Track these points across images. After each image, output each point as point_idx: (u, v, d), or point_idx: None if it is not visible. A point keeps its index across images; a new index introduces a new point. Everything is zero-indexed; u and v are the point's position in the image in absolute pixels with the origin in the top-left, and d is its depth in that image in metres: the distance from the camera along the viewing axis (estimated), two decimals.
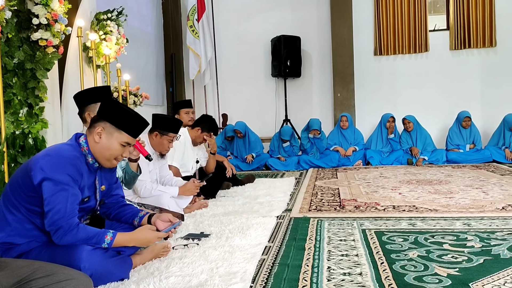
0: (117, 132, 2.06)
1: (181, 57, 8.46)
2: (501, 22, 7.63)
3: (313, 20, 8.19)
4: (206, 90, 8.26)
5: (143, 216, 2.24)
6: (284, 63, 7.75)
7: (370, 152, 6.92)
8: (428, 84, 7.93)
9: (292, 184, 5.05)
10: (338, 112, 7.78)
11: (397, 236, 2.69)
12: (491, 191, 4.13)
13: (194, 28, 7.81)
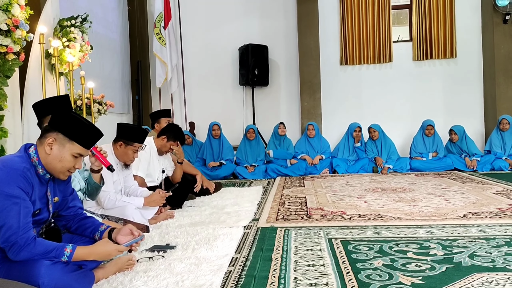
0: (69, 143, 2.00)
1: (148, 64, 8.37)
2: (461, 34, 7.91)
3: (281, 29, 8.27)
4: (172, 98, 8.19)
5: (103, 230, 2.18)
6: (252, 71, 7.77)
7: (337, 160, 7.01)
8: (392, 93, 8.12)
9: (259, 193, 5.04)
10: (305, 120, 7.86)
11: (362, 245, 2.71)
12: (453, 199, 4.24)
13: (161, 36, 7.74)
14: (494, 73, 7.61)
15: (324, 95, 8.06)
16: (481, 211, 3.63)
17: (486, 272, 2.16)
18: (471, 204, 3.96)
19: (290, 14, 8.20)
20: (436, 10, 7.88)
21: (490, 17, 7.63)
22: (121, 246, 2.06)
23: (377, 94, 8.13)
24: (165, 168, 4.19)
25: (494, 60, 7.57)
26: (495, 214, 3.47)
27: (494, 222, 3.20)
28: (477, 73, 7.98)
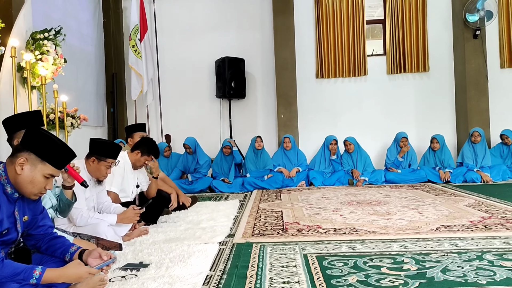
0: (41, 164, 1.96)
1: (123, 77, 8.29)
2: (433, 48, 8.10)
3: (257, 42, 8.32)
4: (148, 110, 8.13)
5: (74, 251, 2.13)
6: (229, 84, 7.78)
7: (313, 173, 7.05)
8: (367, 106, 8.23)
9: (236, 207, 5.03)
10: (282, 133, 7.89)
11: (337, 260, 2.72)
12: (426, 212, 4.30)
13: (137, 48, 7.69)
14: (466, 87, 7.80)
15: (300, 107, 8.12)
16: (454, 224, 3.69)
17: (457, 287, 2.19)
18: (444, 217, 4.02)
19: (266, 27, 8.26)
20: (409, 25, 8.06)
21: (461, 32, 7.84)
22: (92, 269, 2.01)
23: (352, 106, 8.23)
24: (139, 182, 4.13)
25: (465, 74, 7.77)
26: (467, 227, 3.53)
27: (466, 236, 3.25)
28: (449, 87, 8.16)
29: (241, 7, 8.32)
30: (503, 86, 7.96)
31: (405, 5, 8.06)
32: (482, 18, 7.57)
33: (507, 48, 7.96)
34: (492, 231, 3.38)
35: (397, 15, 8.09)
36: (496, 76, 7.94)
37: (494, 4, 7.63)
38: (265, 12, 8.25)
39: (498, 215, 3.98)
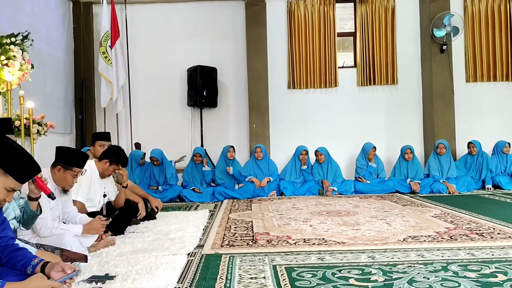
0: (3, 176, 1.88)
1: (93, 83, 8.15)
2: (401, 62, 8.29)
3: (230, 52, 8.33)
4: (118, 118, 8.00)
5: (36, 264, 2.05)
6: (200, 93, 7.75)
7: (284, 183, 7.07)
8: (338, 117, 8.34)
9: (206, 217, 4.98)
10: (254, 142, 7.90)
11: (306, 271, 2.72)
12: (394, 222, 4.37)
13: (107, 55, 7.59)
14: (432, 100, 8.00)
15: (272, 117, 8.15)
16: (420, 234, 3.75)
17: None
18: (411, 227, 4.09)
19: (239, 38, 8.29)
20: (379, 39, 8.23)
21: (429, 47, 8.06)
22: (55, 282, 1.94)
23: (323, 117, 8.32)
24: (107, 192, 4.05)
25: (432, 87, 7.97)
26: (433, 238, 3.60)
27: (432, 246, 3.31)
28: (417, 99, 8.36)
29: (214, 17, 8.33)
30: (468, 99, 8.21)
31: (375, 19, 8.24)
32: (449, 33, 7.80)
33: (472, 63, 8.22)
34: (457, 242, 3.45)
35: (367, 28, 8.25)
36: (462, 90, 8.18)
37: (460, 20, 7.88)
38: (238, 22, 8.28)
39: (463, 226, 4.07)
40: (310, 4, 8.23)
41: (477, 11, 8.21)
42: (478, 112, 8.25)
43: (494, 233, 3.72)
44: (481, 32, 8.20)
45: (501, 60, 8.17)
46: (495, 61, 8.18)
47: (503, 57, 8.18)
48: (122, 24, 8.05)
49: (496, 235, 3.64)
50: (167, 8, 8.34)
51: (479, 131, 8.02)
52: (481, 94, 8.27)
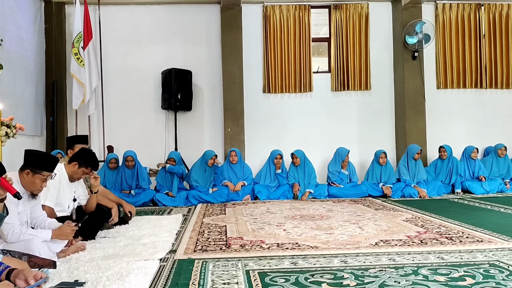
0: None
1: (64, 85, 7.98)
2: (375, 68, 8.43)
3: (205, 55, 8.30)
4: (90, 120, 7.85)
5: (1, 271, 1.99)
6: (175, 96, 7.69)
7: (258, 187, 7.07)
8: (312, 121, 8.40)
9: (179, 221, 4.93)
10: (229, 146, 7.88)
11: (279, 276, 2.72)
12: (366, 226, 4.41)
13: (79, 56, 7.45)
14: (404, 106, 8.15)
15: (247, 121, 8.15)
16: (392, 238, 3.80)
17: None
18: (383, 231, 4.14)
19: (214, 41, 8.27)
20: (353, 45, 8.34)
21: (401, 53, 8.21)
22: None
23: (298, 122, 8.37)
24: (77, 196, 3.96)
25: (404, 94, 8.12)
26: (404, 242, 3.65)
27: (403, 250, 3.36)
28: (389, 105, 8.50)
29: (189, 20, 8.29)
30: (439, 106, 8.40)
31: (349, 25, 8.35)
32: (421, 40, 7.97)
33: (443, 70, 8.42)
34: (428, 246, 3.51)
35: (341, 34, 8.35)
36: (433, 96, 8.37)
37: (431, 28, 8.06)
38: (213, 26, 8.26)
39: (433, 230, 4.15)
40: (286, 9, 8.28)
41: (448, 20, 8.42)
42: (448, 118, 8.45)
43: (463, 237, 3.80)
44: (452, 40, 8.41)
45: (470, 67, 8.40)
46: (465, 69, 8.40)
47: (472, 65, 8.41)
48: (95, 25, 7.93)
49: (465, 239, 3.72)
50: (141, 10, 8.26)
51: (449, 136, 8.20)
52: (451, 100, 8.48)
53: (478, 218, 4.83)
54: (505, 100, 8.56)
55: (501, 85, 8.47)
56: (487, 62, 8.44)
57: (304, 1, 8.30)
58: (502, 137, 8.14)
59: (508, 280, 2.54)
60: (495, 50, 8.44)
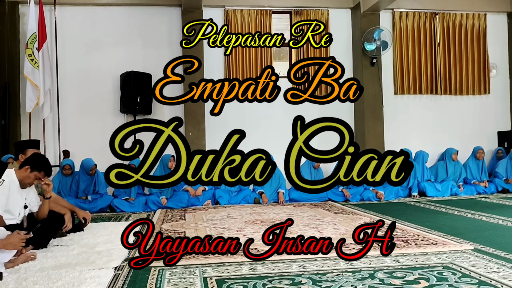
0: None
1: (17, 87, 7.68)
2: None
3: (165, 59, 7.94)
4: (45, 124, 7.57)
5: None
6: (134, 99, 7.54)
7: (219, 191, 7.01)
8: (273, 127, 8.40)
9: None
10: None
11: (237, 283, 2.69)
12: (325, 230, 4.45)
13: (34, 57, 7.19)
14: (364, 111, 8.30)
15: (208, 126, 8.09)
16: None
17: None
18: (341, 235, 4.16)
19: (175, 44, 8.15)
20: (313, 51, 8.41)
21: (360, 60, 8.37)
22: None
23: (259, 127, 8.35)
24: (28, 203, 3.79)
25: (363, 99, 8.24)
26: None
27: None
28: (349, 111, 8.62)
29: (149, 22, 8.16)
30: (396, 111, 8.60)
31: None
32: (379, 47, 8.15)
33: (400, 76, 8.63)
34: None
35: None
36: (391, 101, 8.57)
37: (389, 35, 8.26)
38: (174, 28, 8.16)
39: None
40: (247, 14, 8.29)
41: (405, 27, 8.65)
42: (405, 123, 8.66)
43: (418, 239, 3.88)
44: (408, 47, 8.64)
45: (426, 74, 8.66)
46: (421, 75, 8.65)
47: (428, 71, 8.67)
48: (51, 26, 7.68)
49: (420, 241, 3.80)
50: (99, 11, 8.06)
51: (406, 140, 8.40)
52: (408, 105, 8.70)
53: (433, 220, 4.96)
54: (458, 106, 8.86)
55: (455, 92, 8.76)
56: (441, 69, 8.72)
57: (265, 6, 8.33)
58: (455, 142, 8.41)
59: (461, 282, 2.60)
60: (449, 58, 8.73)
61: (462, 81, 8.76)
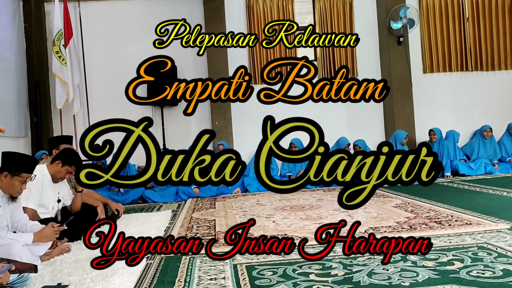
0: None
1: (47, 84, 7.86)
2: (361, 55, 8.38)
3: (188, 49, 8.12)
4: (75, 119, 7.74)
5: None
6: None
7: (248, 179, 7.03)
8: (300, 112, 8.28)
9: (168, 218, 4.88)
10: (217, 140, 7.79)
11: (267, 269, 2.69)
12: (356, 214, 4.38)
13: (61, 54, 7.34)
14: (392, 92, 8.10)
15: (234, 115, 8.09)
16: (381, 225, 3.78)
17: None
18: (372, 218, 4.12)
19: None
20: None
21: (386, 39, 8.17)
22: None
23: (285, 113, 8.26)
24: (61, 197, 3.89)
25: (391, 79, 8.08)
26: (394, 228, 3.63)
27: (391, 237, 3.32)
28: None
29: (171, 13, 8.13)
30: (426, 90, 8.38)
31: (333, 13, 8.29)
32: (405, 25, 7.93)
33: (428, 54, 8.39)
34: (417, 231, 3.49)
35: (326, 22, 8.30)
36: (420, 80, 8.34)
37: (415, 13, 8.02)
38: (196, 18, 8.14)
39: (422, 215, 4.14)
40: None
41: (431, 3, 8.38)
42: (435, 102, 8.43)
43: (452, 220, 3.79)
44: (436, 24, 8.37)
45: (455, 50, 8.38)
46: (450, 52, 8.38)
47: (457, 48, 8.39)
48: (76, 23, 7.81)
49: (454, 222, 3.71)
50: (122, 5, 8.13)
51: (436, 120, 8.18)
52: (438, 84, 8.46)
53: (467, 200, 4.84)
54: (490, 82, 8.56)
55: (486, 67, 8.46)
56: (471, 45, 8.42)
57: None
58: (488, 119, 8.14)
59: (497, 262, 2.53)
60: (479, 32, 8.42)
61: (494, 55, 8.44)
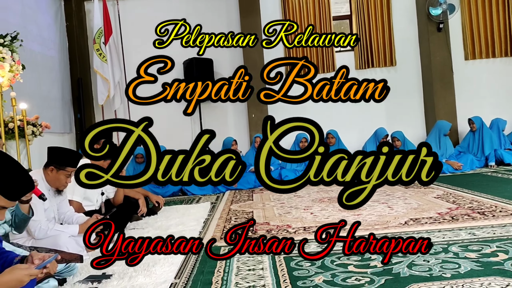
0: None
1: (89, 81, 8.11)
2: (399, 42, 8.19)
3: None
4: (117, 115, 7.95)
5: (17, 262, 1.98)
6: None
7: (285, 171, 7.03)
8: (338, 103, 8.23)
9: (207, 209, 4.96)
10: (254, 132, 7.85)
11: (305, 260, 2.69)
12: (396, 205, 4.32)
13: (101, 52, 7.54)
14: (432, 80, 7.91)
15: (270, 106, 8.07)
16: (422, 216, 3.71)
17: (422, 282, 2.19)
18: (413, 210, 4.05)
19: (233, 27, 8.18)
20: (375, 20, 8.12)
21: (425, 26, 7.95)
22: (32, 270, 1.83)
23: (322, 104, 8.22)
24: (105, 190, 4.02)
25: (431, 67, 7.88)
26: (435, 220, 3.56)
27: (433, 228, 3.27)
28: (416, 81, 8.26)
29: (206, 7, 8.24)
30: (468, 77, 8.10)
31: (370, 1, 8.13)
32: (445, 11, 7.69)
33: (470, 40, 8.10)
34: (459, 222, 3.41)
35: (363, 11, 8.15)
36: (461, 68, 8.08)
37: None
38: (232, 12, 8.19)
39: (465, 206, 4.03)
40: None
41: None
42: (478, 90, 8.14)
43: (495, 211, 3.68)
44: (478, 8, 8.06)
45: (499, 35, 8.05)
46: (493, 37, 8.05)
47: (501, 33, 8.05)
48: (115, 20, 7.99)
49: (497, 213, 3.59)
50: (158, 1, 8.26)
51: (479, 108, 7.90)
52: (481, 71, 8.16)
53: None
54: None
55: None
56: None
57: None
58: None
59: None
60: None
61: None
